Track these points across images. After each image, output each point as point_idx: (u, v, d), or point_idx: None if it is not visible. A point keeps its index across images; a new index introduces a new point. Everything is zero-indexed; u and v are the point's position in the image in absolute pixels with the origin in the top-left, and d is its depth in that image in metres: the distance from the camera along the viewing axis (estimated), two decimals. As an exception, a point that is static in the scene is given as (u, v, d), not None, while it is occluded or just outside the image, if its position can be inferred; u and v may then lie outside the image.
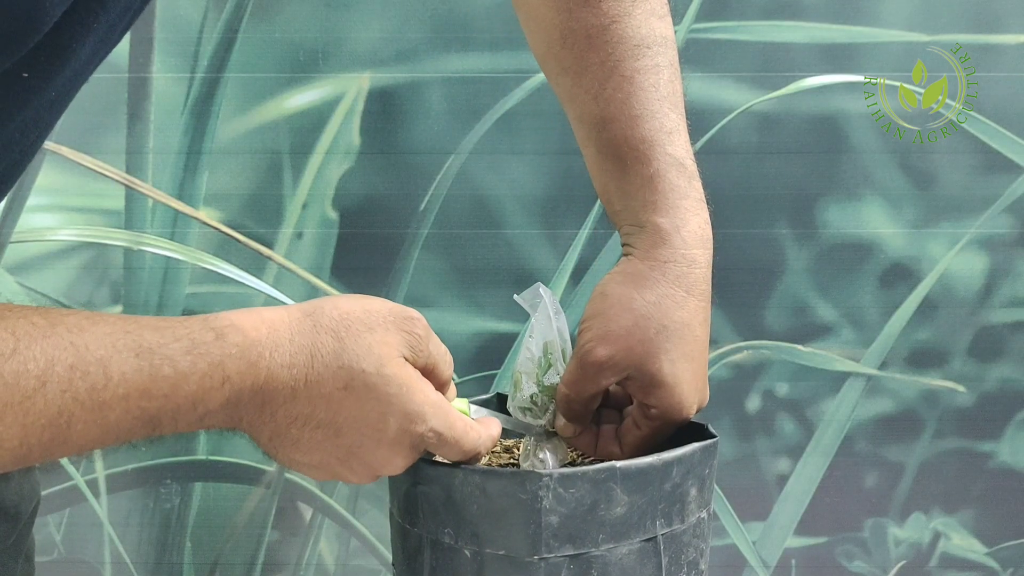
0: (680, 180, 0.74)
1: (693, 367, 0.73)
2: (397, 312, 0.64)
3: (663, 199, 0.73)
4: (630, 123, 0.73)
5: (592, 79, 0.74)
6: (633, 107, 0.73)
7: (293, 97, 1.32)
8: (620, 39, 0.74)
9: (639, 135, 0.73)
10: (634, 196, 0.73)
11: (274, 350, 0.61)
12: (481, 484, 0.65)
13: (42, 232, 1.34)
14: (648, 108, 0.74)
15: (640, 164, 0.73)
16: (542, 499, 0.63)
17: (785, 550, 1.38)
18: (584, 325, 0.72)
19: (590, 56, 0.74)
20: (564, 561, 0.64)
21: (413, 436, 0.63)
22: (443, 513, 0.66)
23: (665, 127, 0.74)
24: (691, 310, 0.72)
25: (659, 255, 0.72)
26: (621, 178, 0.74)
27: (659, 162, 0.73)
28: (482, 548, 0.65)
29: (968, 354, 1.36)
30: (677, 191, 0.73)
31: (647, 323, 0.70)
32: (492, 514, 0.64)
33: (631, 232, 0.73)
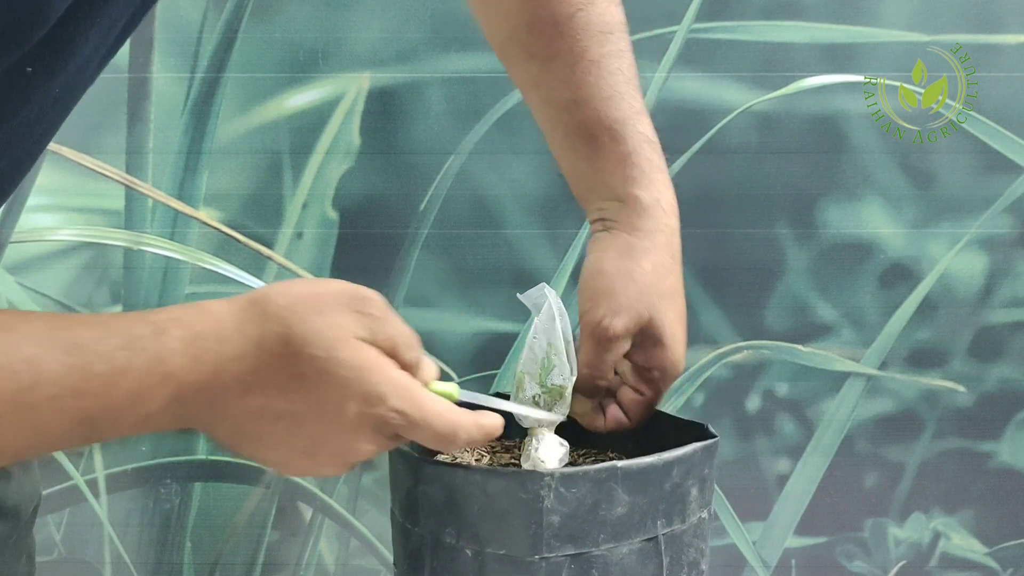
0: (654, 156, 0.77)
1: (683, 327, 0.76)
2: (351, 293, 0.61)
3: (642, 174, 0.76)
4: (603, 104, 0.77)
5: (561, 64, 0.77)
6: (603, 89, 0.77)
7: (293, 97, 1.32)
8: (586, 26, 0.77)
9: (613, 115, 0.77)
10: (611, 172, 0.76)
11: (220, 342, 0.58)
12: (482, 484, 0.65)
13: (42, 232, 1.34)
14: (617, 90, 0.77)
15: (616, 143, 0.76)
16: (543, 499, 0.63)
17: (785, 550, 1.38)
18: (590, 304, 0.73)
19: (558, 43, 0.77)
20: (565, 561, 0.64)
21: (375, 419, 0.60)
22: (444, 513, 0.66)
23: (634, 107, 0.78)
24: (677, 275, 0.76)
25: (645, 226, 0.75)
26: (595, 157, 0.76)
27: (634, 140, 0.77)
28: (483, 548, 0.65)
29: (968, 354, 1.36)
30: (652, 165, 0.77)
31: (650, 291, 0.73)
32: (493, 514, 0.64)
33: (607, 207, 0.76)
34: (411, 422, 0.61)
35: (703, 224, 1.34)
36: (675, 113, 1.32)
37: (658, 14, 1.31)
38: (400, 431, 0.62)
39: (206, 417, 0.59)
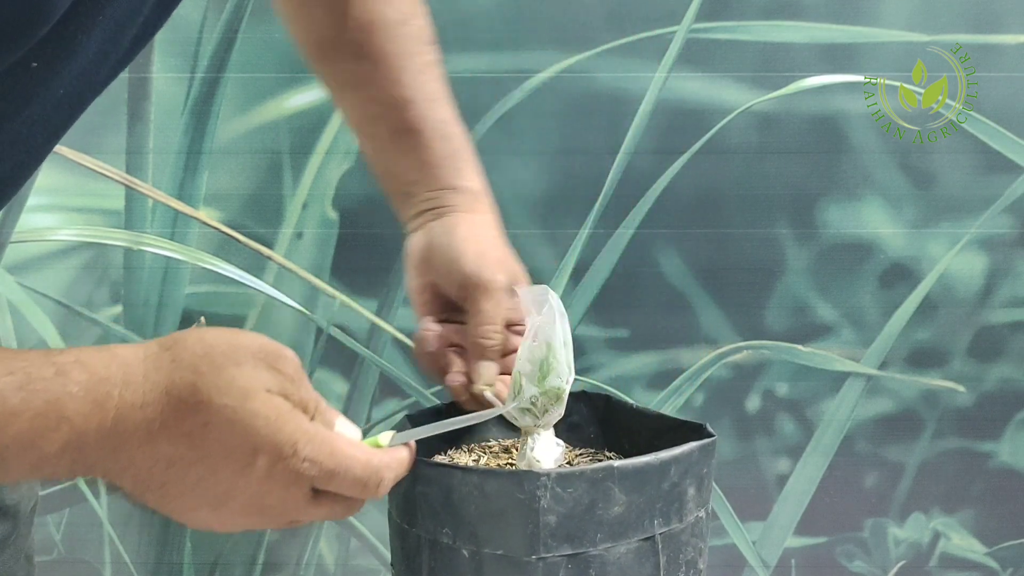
0: (472, 154, 0.84)
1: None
2: (267, 348, 0.60)
3: (469, 167, 0.83)
4: (431, 105, 0.83)
5: (390, 66, 0.83)
6: (430, 92, 0.84)
7: (293, 97, 1.32)
8: (415, 36, 0.84)
9: (440, 115, 0.83)
10: (440, 166, 0.82)
11: (124, 388, 0.56)
12: (479, 484, 0.65)
13: (42, 232, 1.34)
14: (441, 94, 0.84)
15: (445, 140, 0.83)
16: (540, 499, 0.63)
17: (785, 550, 1.38)
18: (469, 267, 0.77)
19: (390, 46, 0.83)
20: (562, 561, 0.64)
21: (286, 472, 0.58)
22: (441, 513, 0.66)
23: (453, 110, 0.85)
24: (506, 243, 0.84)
25: (481, 208, 0.82)
26: (423, 152, 0.82)
27: (460, 137, 0.84)
28: (480, 548, 0.65)
29: (968, 354, 1.36)
30: (474, 160, 0.84)
31: (507, 250, 0.82)
32: (490, 514, 0.64)
33: (440, 195, 0.81)
34: (327, 471, 0.60)
35: (703, 224, 1.34)
36: (675, 113, 1.32)
37: (658, 14, 1.31)
38: (318, 483, 0.60)
39: (109, 464, 0.57)
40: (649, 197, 1.33)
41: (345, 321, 1.35)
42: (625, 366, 1.36)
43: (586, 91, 1.32)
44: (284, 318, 1.35)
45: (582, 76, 1.32)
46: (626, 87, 1.32)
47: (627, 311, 1.35)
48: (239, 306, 1.35)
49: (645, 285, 1.35)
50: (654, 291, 1.35)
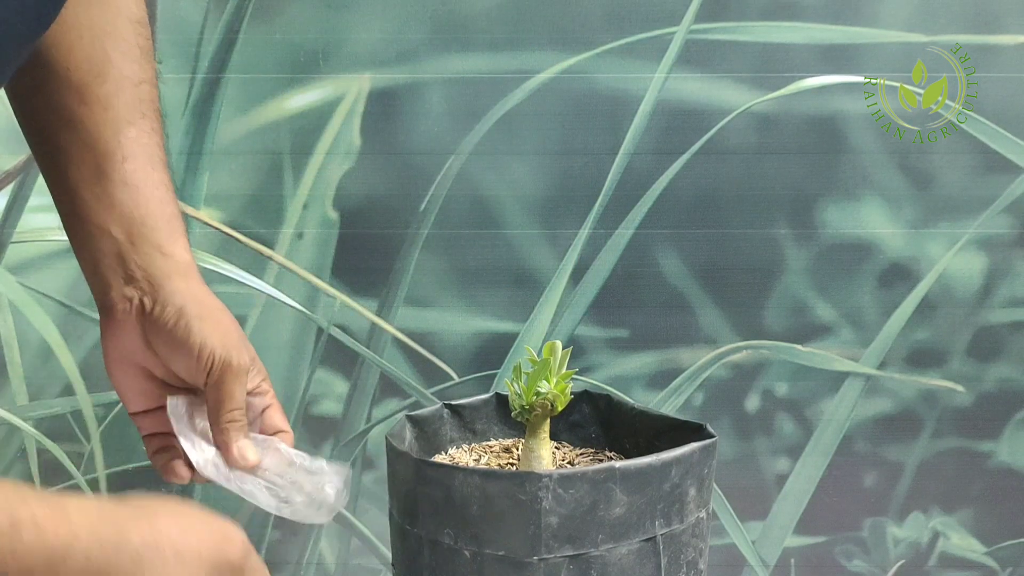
0: (184, 226, 0.79)
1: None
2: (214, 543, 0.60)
3: (182, 235, 0.77)
4: (152, 165, 0.77)
5: (116, 116, 0.76)
6: (155, 156, 0.78)
7: (294, 98, 1.32)
8: (149, 100, 0.78)
9: (161, 177, 0.78)
10: (154, 228, 0.76)
11: (64, 562, 0.55)
12: (481, 485, 0.65)
13: (43, 232, 1.34)
14: (162, 158, 0.78)
15: (163, 203, 0.77)
16: (541, 500, 0.63)
17: (784, 549, 1.39)
18: (218, 352, 0.73)
19: (119, 98, 0.76)
20: (564, 562, 0.64)
21: None
22: (443, 514, 0.67)
23: (172, 187, 0.79)
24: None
25: (195, 278, 0.77)
26: (138, 205, 0.76)
27: (176, 203, 0.78)
28: (482, 549, 0.65)
29: (967, 354, 1.36)
30: (186, 233, 0.79)
31: (235, 321, 0.77)
32: (492, 515, 0.65)
33: (149, 262, 0.76)
34: None
35: (702, 224, 1.34)
36: (675, 113, 1.32)
37: (658, 15, 1.31)
38: None
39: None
40: (649, 197, 1.33)
41: (345, 321, 1.36)
42: (625, 366, 1.36)
43: (586, 92, 1.32)
44: (284, 318, 1.36)
45: (582, 76, 1.32)
46: (626, 87, 1.32)
47: (627, 311, 1.35)
48: (240, 306, 1.35)
49: (645, 285, 1.35)
50: (654, 291, 1.35)
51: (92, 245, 0.77)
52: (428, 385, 1.36)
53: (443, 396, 1.34)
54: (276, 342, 1.36)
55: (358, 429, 1.37)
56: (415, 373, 1.36)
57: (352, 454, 1.37)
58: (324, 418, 1.37)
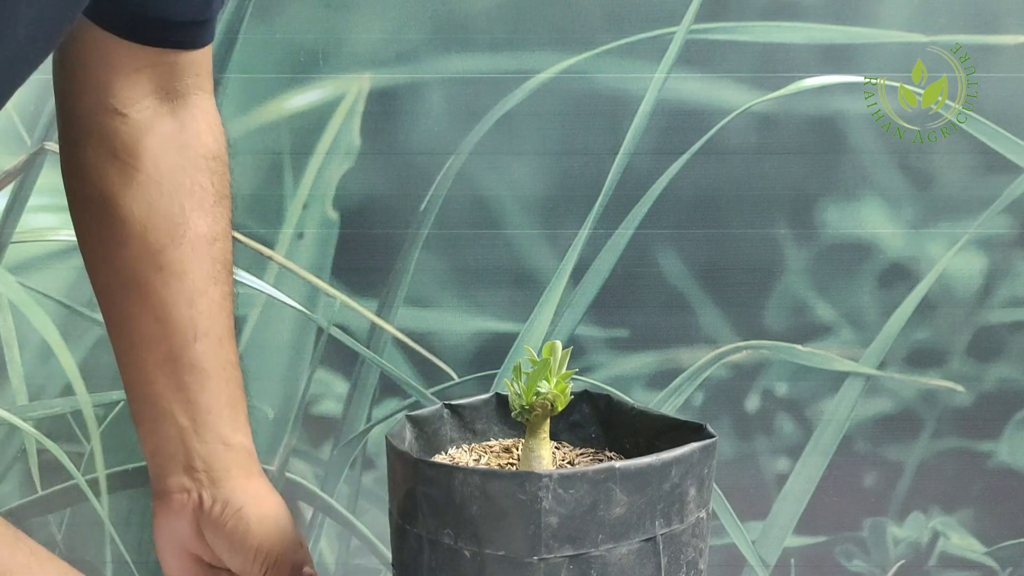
0: (245, 402, 0.76)
1: None
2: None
3: (245, 419, 0.75)
4: (223, 342, 0.74)
5: (191, 286, 0.73)
6: (225, 329, 0.75)
7: (293, 98, 1.32)
8: (221, 258, 0.75)
9: (229, 355, 0.75)
10: (217, 414, 0.73)
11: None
12: (481, 485, 0.65)
13: (43, 232, 1.34)
14: (232, 331, 0.75)
15: (229, 384, 0.74)
16: (542, 500, 0.63)
17: (784, 549, 1.39)
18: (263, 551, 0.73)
19: (195, 264, 0.74)
20: (564, 562, 0.64)
21: None
22: (443, 513, 0.67)
23: (236, 351, 0.76)
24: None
25: (255, 470, 0.75)
26: (201, 394, 0.73)
27: (239, 384, 0.75)
28: (482, 549, 0.65)
29: (967, 354, 1.36)
30: (246, 412, 0.76)
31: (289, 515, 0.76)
32: (492, 515, 0.65)
33: (211, 455, 0.74)
34: None
35: (702, 224, 1.34)
36: (674, 114, 1.32)
37: (658, 14, 1.31)
38: None
39: None
40: (649, 197, 1.34)
41: (345, 321, 1.36)
42: (624, 366, 1.36)
43: (586, 92, 1.32)
44: (284, 318, 1.36)
45: (582, 77, 1.32)
46: (626, 87, 1.32)
47: (627, 311, 1.35)
48: (240, 306, 1.35)
49: (645, 285, 1.35)
50: (654, 291, 1.35)
51: (155, 427, 0.75)
52: (428, 385, 1.36)
53: (443, 396, 1.34)
54: (276, 342, 1.36)
55: (358, 429, 1.37)
56: (415, 373, 1.36)
57: (352, 454, 1.37)
58: (324, 418, 1.37)
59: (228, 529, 0.73)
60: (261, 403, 1.36)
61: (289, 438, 1.37)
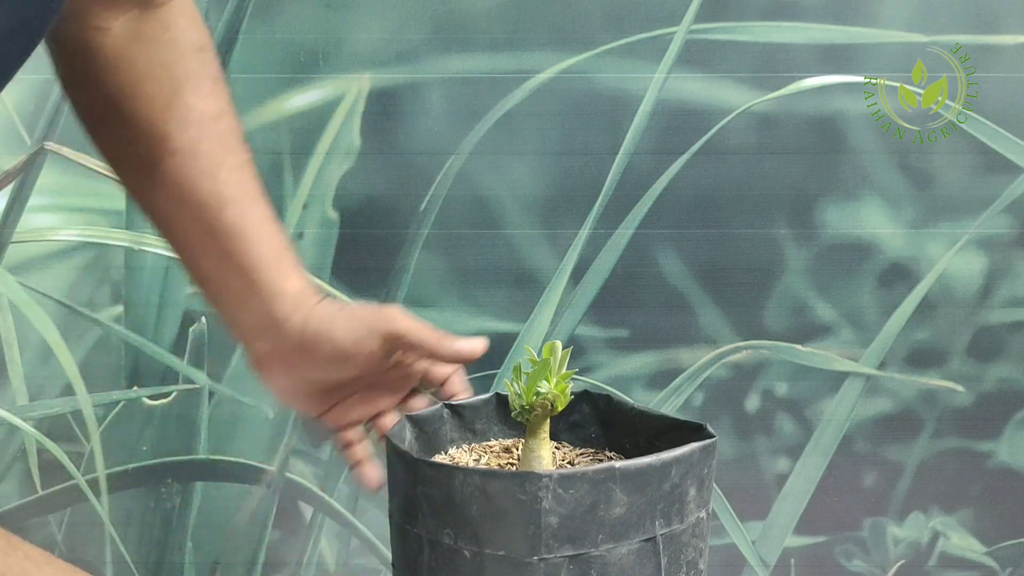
0: (294, 250, 0.80)
1: None
2: None
3: (295, 266, 0.78)
4: (252, 203, 0.78)
5: (207, 162, 0.77)
6: (250, 191, 0.78)
7: (294, 98, 1.32)
8: (230, 132, 0.78)
9: (262, 213, 0.78)
10: (264, 270, 0.77)
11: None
12: (481, 485, 0.65)
13: (43, 232, 1.34)
14: (260, 193, 0.79)
15: (269, 239, 0.78)
16: (542, 500, 0.63)
17: (784, 549, 1.39)
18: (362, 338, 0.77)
19: (206, 141, 0.77)
20: (564, 562, 0.64)
21: None
22: (443, 514, 0.67)
23: (271, 211, 0.80)
24: None
25: (314, 299, 0.78)
26: (244, 256, 0.77)
27: (281, 236, 0.79)
28: (482, 548, 0.65)
29: (967, 354, 1.36)
30: (297, 258, 0.79)
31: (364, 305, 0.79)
32: (492, 515, 0.65)
33: (274, 304, 0.77)
34: None
35: (702, 224, 1.34)
36: (675, 113, 1.32)
37: (658, 14, 1.31)
38: None
39: None
40: (649, 197, 1.34)
41: (345, 321, 1.35)
42: (625, 366, 1.36)
43: (586, 92, 1.32)
44: (285, 318, 1.35)
45: (582, 76, 1.32)
46: (626, 87, 1.32)
47: (627, 311, 1.35)
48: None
49: (645, 285, 1.35)
50: (654, 291, 1.35)
51: (220, 300, 0.79)
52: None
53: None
54: (276, 342, 1.36)
55: (358, 429, 1.37)
56: (415, 373, 1.36)
57: (352, 454, 1.37)
58: (324, 418, 1.37)
59: (322, 355, 0.77)
60: (261, 403, 1.36)
61: (289, 438, 1.37)
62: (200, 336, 1.35)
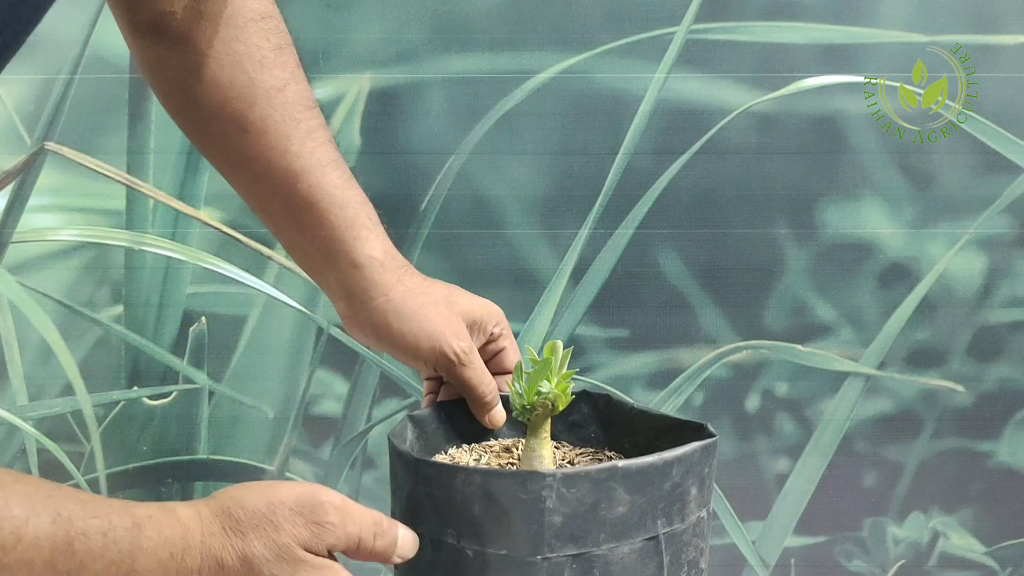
0: (372, 213, 0.81)
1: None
2: (303, 501, 0.63)
3: (372, 231, 0.80)
4: (324, 172, 0.78)
5: (275, 137, 0.78)
6: (320, 158, 0.79)
7: (294, 97, 1.32)
8: (296, 100, 0.79)
9: (334, 180, 0.79)
10: (340, 240, 0.78)
11: (185, 553, 0.60)
12: (483, 484, 0.65)
13: (43, 232, 1.34)
14: (332, 157, 0.79)
15: (341, 208, 0.79)
16: (545, 499, 0.63)
17: (784, 549, 1.39)
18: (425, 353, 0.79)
19: (273, 116, 0.78)
20: (567, 561, 0.64)
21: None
22: (445, 513, 0.67)
23: (347, 172, 0.80)
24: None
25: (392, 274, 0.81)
26: (319, 227, 0.78)
27: (357, 202, 0.80)
28: (484, 548, 0.65)
29: (967, 354, 1.36)
30: (375, 221, 0.81)
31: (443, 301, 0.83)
32: (495, 514, 0.65)
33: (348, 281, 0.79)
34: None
35: (703, 224, 1.34)
36: (675, 113, 1.32)
37: (658, 14, 1.31)
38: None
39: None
40: (649, 197, 1.34)
41: (345, 321, 1.35)
42: (625, 366, 1.36)
43: (586, 91, 1.32)
44: (285, 318, 1.36)
45: (582, 76, 1.32)
46: (626, 87, 1.32)
47: (627, 311, 1.35)
48: (240, 306, 1.35)
49: (645, 285, 1.35)
50: (654, 291, 1.35)
51: (307, 268, 0.82)
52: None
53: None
54: (276, 342, 1.36)
55: (358, 429, 1.37)
56: (415, 373, 1.36)
57: (352, 454, 1.37)
58: (324, 418, 1.37)
59: (384, 344, 0.79)
60: (261, 403, 1.36)
61: (289, 438, 1.37)
62: (200, 336, 1.35)
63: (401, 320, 0.79)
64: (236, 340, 1.35)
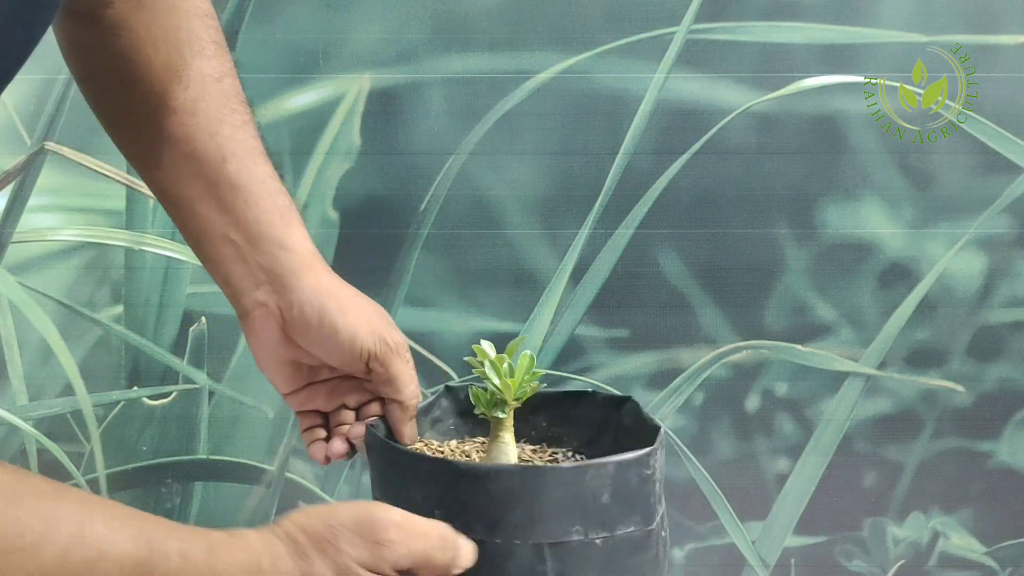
0: (297, 211, 0.80)
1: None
2: (362, 521, 0.63)
3: (299, 224, 0.79)
4: (255, 160, 0.78)
5: (206, 119, 0.78)
6: (252, 149, 0.79)
7: (294, 98, 1.32)
8: (232, 93, 0.79)
9: (265, 170, 0.78)
10: (268, 224, 0.77)
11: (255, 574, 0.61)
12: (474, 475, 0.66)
13: (43, 232, 1.34)
14: (263, 152, 0.79)
15: (273, 196, 0.78)
16: (520, 490, 0.65)
17: (784, 549, 1.39)
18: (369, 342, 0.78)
19: (206, 99, 0.78)
20: (547, 547, 0.66)
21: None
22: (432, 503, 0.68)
23: (275, 172, 0.80)
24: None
25: (322, 267, 0.80)
26: (248, 209, 0.77)
27: (284, 195, 0.79)
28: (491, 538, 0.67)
29: (967, 354, 1.36)
30: (300, 218, 0.80)
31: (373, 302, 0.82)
32: (479, 504, 0.66)
33: (273, 261, 0.78)
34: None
35: (702, 224, 1.34)
36: (675, 113, 1.32)
37: (658, 14, 1.31)
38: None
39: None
40: (649, 197, 1.34)
41: (345, 321, 1.35)
42: (624, 366, 1.36)
43: (586, 91, 1.32)
44: (285, 318, 1.36)
45: (582, 76, 1.32)
46: (626, 87, 1.32)
47: (627, 311, 1.35)
48: (240, 306, 1.35)
49: (645, 285, 1.35)
50: (654, 291, 1.35)
51: (217, 255, 0.79)
52: (428, 385, 1.36)
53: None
54: (276, 342, 1.36)
55: (358, 429, 1.37)
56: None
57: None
58: (324, 418, 1.37)
59: (315, 328, 0.77)
60: (261, 403, 1.37)
61: (289, 438, 1.37)
62: (200, 336, 1.36)
63: (340, 301, 0.78)
64: (236, 340, 1.35)
